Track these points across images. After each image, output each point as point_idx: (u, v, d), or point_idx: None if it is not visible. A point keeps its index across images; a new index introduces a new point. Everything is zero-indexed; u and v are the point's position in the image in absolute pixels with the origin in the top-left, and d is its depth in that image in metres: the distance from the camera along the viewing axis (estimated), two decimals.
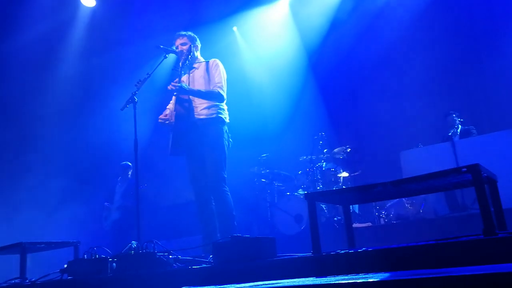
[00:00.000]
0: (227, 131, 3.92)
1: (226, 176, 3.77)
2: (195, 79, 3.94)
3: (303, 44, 7.96)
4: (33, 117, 7.52)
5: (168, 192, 7.25)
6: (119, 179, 6.90)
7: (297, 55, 7.94)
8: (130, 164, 6.90)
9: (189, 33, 4.06)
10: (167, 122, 3.89)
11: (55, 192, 7.15)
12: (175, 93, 3.89)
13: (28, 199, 6.97)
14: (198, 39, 4.11)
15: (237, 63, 7.92)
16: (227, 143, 3.87)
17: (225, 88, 3.92)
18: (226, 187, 3.75)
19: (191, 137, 3.81)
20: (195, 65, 4.03)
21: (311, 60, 7.93)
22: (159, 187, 7.38)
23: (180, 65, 3.91)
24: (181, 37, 4.01)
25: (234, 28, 8.35)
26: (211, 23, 7.62)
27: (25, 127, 7.51)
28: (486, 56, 6.81)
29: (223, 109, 3.94)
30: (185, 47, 3.96)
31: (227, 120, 3.95)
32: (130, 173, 6.89)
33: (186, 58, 3.90)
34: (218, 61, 3.99)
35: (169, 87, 3.82)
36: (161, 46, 3.90)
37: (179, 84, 3.77)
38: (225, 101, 3.96)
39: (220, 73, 3.91)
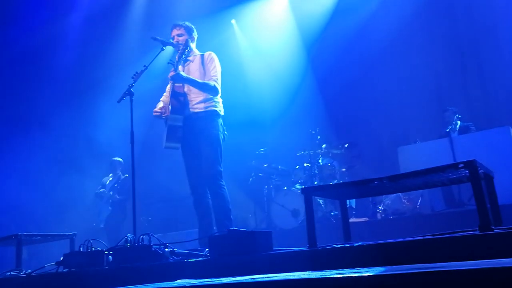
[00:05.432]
0: (222, 124, 3.90)
1: (222, 169, 3.76)
2: (190, 72, 3.91)
3: (301, 38, 7.93)
4: (28, 107, 7.49)
5: (165, 185, 7.24)
6: (110, 174, 6.89)
7: (295, 48, 7.91)
8: (121, 160, 6.89)
9: (186, 23, 4.00)
10: (163, 115, 3.87)
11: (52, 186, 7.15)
12: (171, 81, 3.86)
13: (24, 191, 6.96)
14: (195, 30, 4.06)
15: (235, 56, 7.89)
16: (222, 136, 3.85)
17: (219, 82, 3.90)
18: (222, 181, 3.73)
19: (186, 130, 3.79)
20: (190, 58, 3.98)
21: (309, 54, 7.90)
22: (156, 181, 7.37)
23: (177, 59, 3.87)
24: (178, 28, 3.96)
25: (233, 21, 8.30)
26: (210, 15, 7.58)
27: (19, 119, 7.48)
28: (485, 53, 6.80)
29: (218, 102, 3.92)
30: (181, 39, 3.91)
31: (222, 113, 3.93)
32: (120, 169, 6.87)
33: (183, 52, 3.86)
34: (213, 54, 3.95)
35: (168, 76, 3.82)
36: (158, 38, 3.86)
37: (176, 72, 3.75)
38: (219, 94, 3.94)
39: (216, 67, 3.89)
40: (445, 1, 7.21)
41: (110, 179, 6.83)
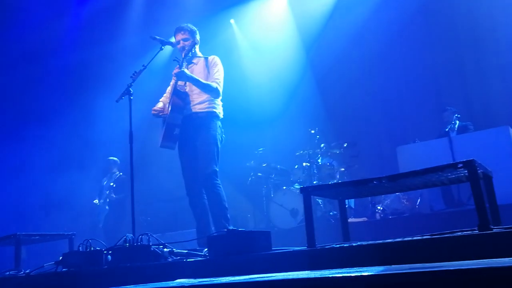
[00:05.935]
0: (221, 126, 3.94)
1: (217, 169, 3.78)
2: (194, 75, 3.93)
3: (300, 37, 7.92)
4: (27, 107, 7.48)
5: (164, 185, 7.25)
6: (107, 175, 6.88)
7: (294, 48, 7.91)
8: (116, 159, 6.88)
9: (191, 26, 4.02)
10: (161, 114, 3.88)
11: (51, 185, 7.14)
12: (174, 78, 3.88)
13: (23, 191, 6.95)
14: (198, 32, 4.09)
15: (234, 56, 7.89)
16: (220, 138, 3.89)
17: (222, 85, 3.94)
18: (218, 180, 3.75)
19: (184, 130, 3.81)
20: (194, 61, 4.03)
21: (308, 54, 7.90)
22: (155, 181, 7.37)
23: (183, 56, 3.90)
24: (183, 32, 3.97)
25: (232, 21, 8.30)
26: (208, 15, 7.57)
27: (19, 119, 7.47)
28: (484, 52, 6.80)
29: (218, 105, 3.96)
30: (187, 43, 3.94)
31: (221, 116, 3.98)
32: (116, 168, 6.86)
33: (188, 52, 3.89)
34: (217, 58, 4.00)
35: (173, 72, 3.84)
36: (157, 37, 3.87)
37: (180, 70, 3.76)
38: (220, 97, 3.97)
39: (219, 70, 3.93)
40: (444, 1, 7.21)
41: (112, 179, 6.83)
